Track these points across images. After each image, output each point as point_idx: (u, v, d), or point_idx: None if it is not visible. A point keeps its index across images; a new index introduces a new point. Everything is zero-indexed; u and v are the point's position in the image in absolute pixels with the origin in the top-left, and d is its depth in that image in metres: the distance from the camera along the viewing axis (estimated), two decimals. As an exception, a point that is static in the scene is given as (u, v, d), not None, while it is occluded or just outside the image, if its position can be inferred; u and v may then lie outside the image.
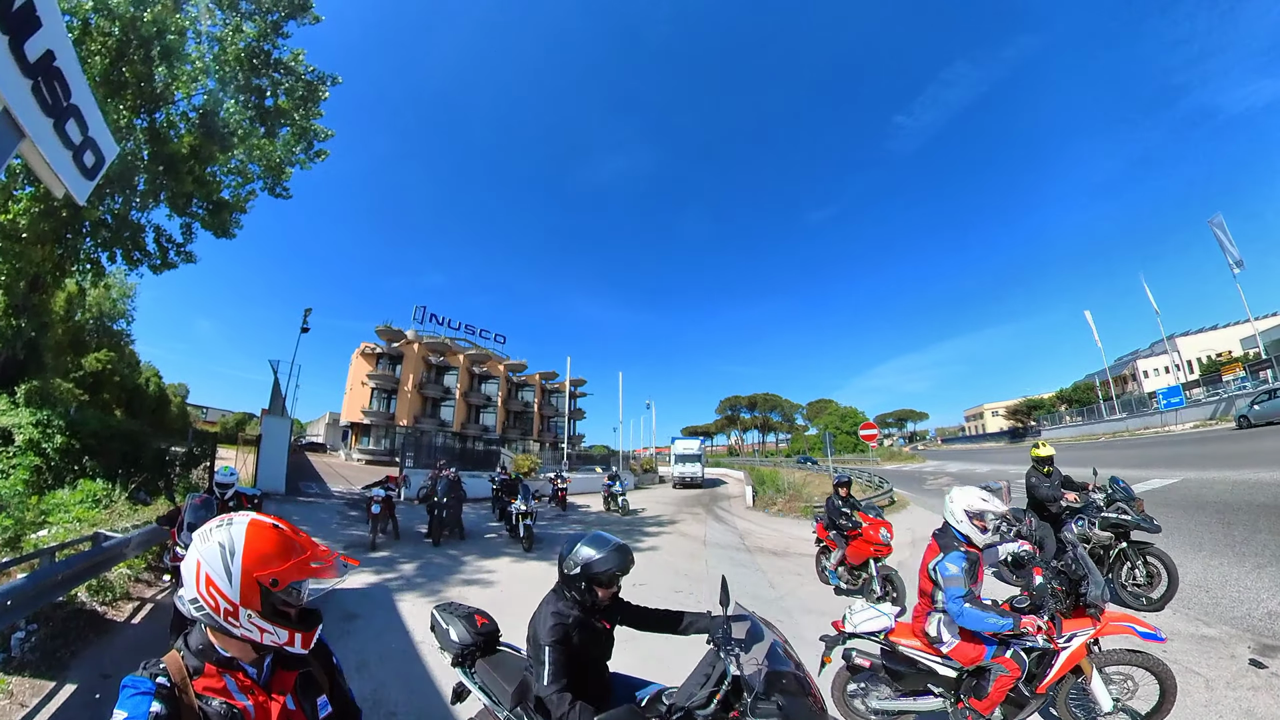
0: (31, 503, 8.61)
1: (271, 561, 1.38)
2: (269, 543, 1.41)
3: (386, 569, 9.71)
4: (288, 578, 1.38)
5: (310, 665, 1.57)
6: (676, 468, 36.52)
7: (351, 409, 55.27)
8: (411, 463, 22.45)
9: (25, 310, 12.50)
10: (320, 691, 1.56)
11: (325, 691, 1.58)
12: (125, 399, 25.81)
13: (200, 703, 1.32)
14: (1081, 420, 49.18)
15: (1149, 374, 57.37)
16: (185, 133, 13.90)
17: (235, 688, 1.38)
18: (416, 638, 6.15)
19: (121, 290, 28.89)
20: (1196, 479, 13.12)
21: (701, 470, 35.95)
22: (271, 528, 1.46)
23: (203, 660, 1.39)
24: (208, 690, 1.34)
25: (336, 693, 1.65)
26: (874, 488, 19.04)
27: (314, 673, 1.58)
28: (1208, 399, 34.14)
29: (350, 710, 1.72)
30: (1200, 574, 7.11)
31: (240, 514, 1.49)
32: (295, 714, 1.46)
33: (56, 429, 10.55)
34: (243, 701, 1.37)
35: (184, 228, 15.61)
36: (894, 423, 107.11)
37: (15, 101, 4.14)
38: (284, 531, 1.47)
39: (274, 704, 1.41)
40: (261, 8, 14.36)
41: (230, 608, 1.36)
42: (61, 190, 5.19)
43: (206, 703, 1.32)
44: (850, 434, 71.29)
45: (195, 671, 1.36)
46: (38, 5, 4.13)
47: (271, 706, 1.41)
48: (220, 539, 1.39)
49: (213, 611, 1.36)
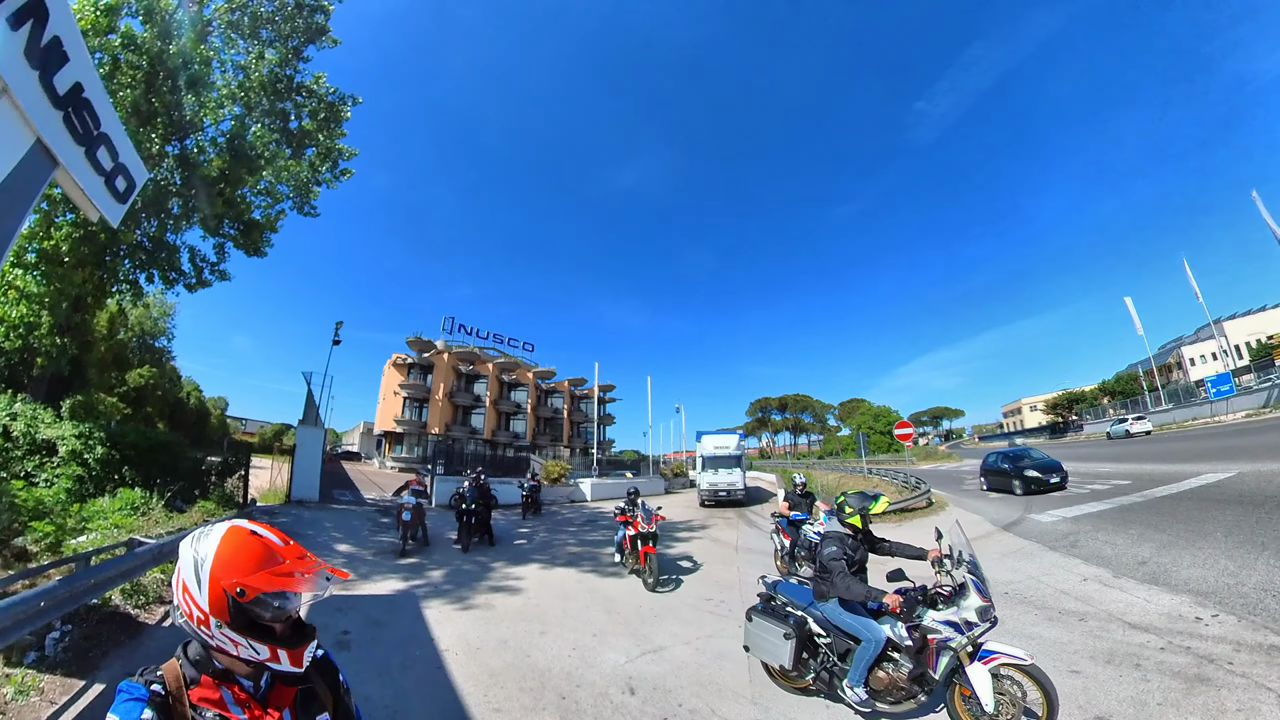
0: (73, 510, 8.94)
1: (239, 570, 1.31)
2: (240, 550, 1.34)
3: (414, 575, 9.81)
4: (256, 587, 1.30)
5: (312, 681, 1.51)
6: (705, 475, 24.32)
7: (385, 418, 56.48)
8: (443, 470, 22.75)
9: (69, 330, 13.03)
10: (322, 709, 1.50)
11: (328, 710, 1.52)
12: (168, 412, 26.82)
13: (194, 713, 1.28)
14: (1125, 413, 47.09)
15: (1195, 361, 54.53)
16: (214, 157, 14.41)
17: (231, 700, 1.34)
18: (441, 645, 6.16)
19: (162, 310, 30.08)
20: (1254, 472, 12.44)
21: (742, 478, 24.16)
22: (249, 534, 1.38)
23: (199, 671, 1.35)
24: (203, 701, 1.31)
25: (340, 712, 1.58)
26: (910, 489, 18.53)
27: (316, 689, 1.51)
28: (1260, 385, 32.38)
29: None
30: (1266, 576, 6.53)
31: (225, 521, 1.45)
32: None
33: (98, 440, 10.96)
34: (237, 715, 1.33)
35: (217, 248, 16.13)
36: (928, 421, 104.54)
37: (48, 132, 4.30)
38: (263, 539, 1.39)
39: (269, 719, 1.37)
40: (281, 34, 14.81)
41: (202, 616, 1.31)
42: (96, 214, 5.39)
43: (200, 714, 1.29)
44: (884, 434, 69.85)
45: (192, 681, 1.33)
46: (64, 41, 4.29)
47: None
48: (197, 545, 1.35)
49: (188, 619, 1.32)
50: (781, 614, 4.89)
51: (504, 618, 7.39)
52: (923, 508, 15.91)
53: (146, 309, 27.87)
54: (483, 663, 5.71)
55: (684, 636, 6.58)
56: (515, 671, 5.50)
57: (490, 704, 4.78)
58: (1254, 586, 6.27)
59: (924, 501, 16.28)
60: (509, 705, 4.76)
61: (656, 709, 4.69)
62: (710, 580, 9.60)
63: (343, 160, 17.16)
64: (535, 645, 6.29)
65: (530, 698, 4.91)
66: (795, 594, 5.05)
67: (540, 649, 6.16)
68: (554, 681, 5.26)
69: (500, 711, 4.65)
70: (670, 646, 6.24)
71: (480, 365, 59.43)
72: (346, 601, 7.82)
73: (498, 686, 5.14)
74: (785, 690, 4.98)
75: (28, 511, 8.01)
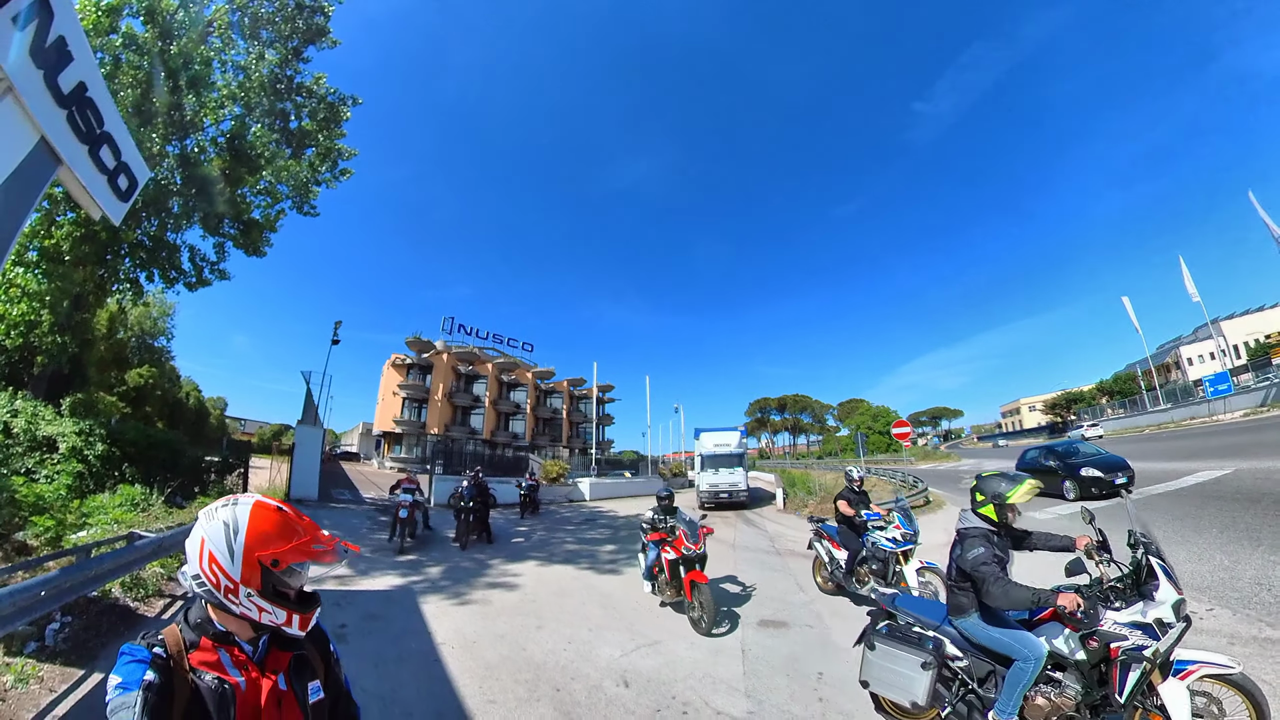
0: (73, 506, 9.02)
1: (273, 542, 1.40)
2: (272, 523, 1.43)
3: (412, 572, 9.86)
4: (289, 559, 1.41)
5: (305, 649, 1.59)
6: (705, 476, 22.64)
7: (384, 419, 56.52)
8: (441, 470, 22.78)
9: (69, 328, 13.10)
10: (314, 676, 1.57)
11: (319, 678, 1.59)
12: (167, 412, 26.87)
13: (193, 675, 1.34)
14: (1124, 413, 47.22)
15: (1193, 361, 54.83)
16: (215, 157, 14.51)
17: (229, 663, 1.41)
18: (438, 639, 6.22)
19: (161, 309, 30.13)
20: (1250, 469, 12.50)
21: (745, 478, 22.49)
22: (275, 510, 1.48)
23: (199, 634, 1.42)
24: (202, 664, 1.37)
25: (330, 680, 1.66)
26: (908, 487, 18.59)
27: (308, 656, 1.59)
28: (1258, 384, 32.54)
29: (344, 700, 1.73)
30: (1260, 570, 6.60)
31: (246, 495, 1.53)
32: (286, 695, 1.47)
33: (98, 437, 11.06)
34: (235, 677, 1.39)
35: (217, 247, 16.22)
36: (927, 421, 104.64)
37: (52, 130, 4.37)
38: (287, 514, 1.49)
39: (266, 681, 1.44)
40: (281, 35, 14.90)
41: (231, 585, 1.38)
42: (98, 212, 5.45)
43: (200, 676, 1.35)
44: (883, 434, 69.80)
45: (192, 645, 1.39)
46: (69, 40, 4.35)
47: (263, 684, 1.43)
48: (225, 518, 1.43)
49: (214, 588, 1.39)
50: (912, 637, 3.97)
51: (500, 613, 7.45)
52: (920, 505, 15.98)
53: (146, 308, 27.92)
54: (479, 656, 5.77)
55: (679, 631, 6.64)
56: (511, 664, 5.56)
57: (485, 695, 4.83)
58: (1249, 581, 6.33)
59: (921, 500, 16.34)
60: (504, 697, 4.82)
61: (650, 700, 4.75)
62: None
63: (342, 160, 17.27)
64: (531, 639, 6.35)
65: (525, 689, 4.96)
66: (922, 609, 4.19)
67: (536, 643, 6.22)
68: (549, 674, 5.32)
69: (495, 703, 4.70)
70: (665, 641, 6.29)
71: (479, 365, 59.47)
72: (344, 596, 7.88)
73: (493, 679, 5.19)
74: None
75: (28, 507, 8.09)
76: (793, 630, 6.57)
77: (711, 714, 4.51)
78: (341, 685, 1.72)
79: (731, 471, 22.27)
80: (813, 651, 5.82)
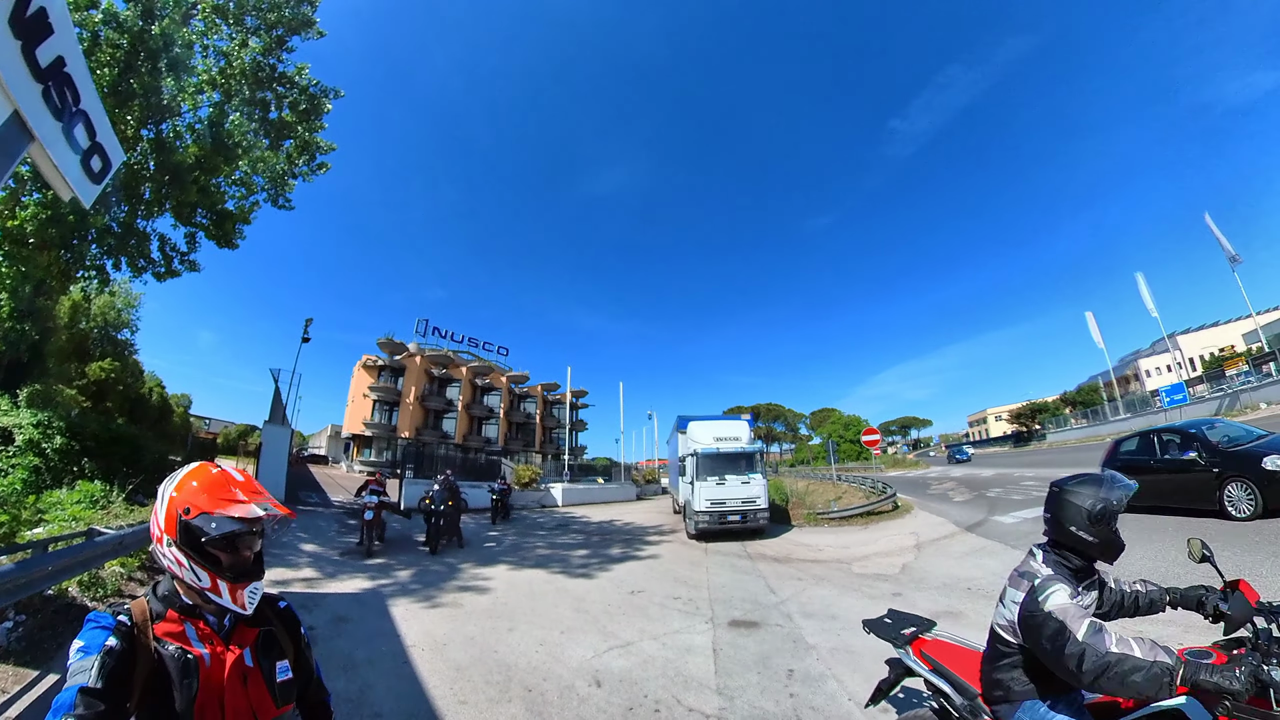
0: (29, 501, 8.66)
1: (192, 491, 1.42)
2: (197, 476, 1.46)
3: (381, 575, 9.69)
4: (198, 506, 1.39)
5: (274, 626, 1.58)
6: (704, 487, 14.42)
7: (353, 421, 55.30)
8: (412, 474, 22.40)
9: (30, 314, 12.63)
10: (283, 656, 1.56)
11: (289, 658, 1.58)
12: (128, 408, 25.86)
13: (157, 645, 1.34)
14: (1086, 422, 48.83)
15: (1152, 373, 57.53)
16: (191, 143, 14.13)
17: (194, 636, 1.41)
18: (408, 642, 6.14)
19: (126, 300, 29.08)
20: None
21: (764, 490, 14.66)
22: (210, 467, 1.51)
23: (166, 606, 1.42)
24: (167, 635, 1.37)
25: (301, 663, 1.64)
26: (876, 493, 18.89)
27: (276, 634, 1.58)
28: (1212, 394, 34.29)
29: (314, 684, 1.72)
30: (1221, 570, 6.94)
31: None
32: (252, 671, 1.46)
33: (57, 430, 10.65)
34: (199, 649, 1.39)
35: (188, 237, 15.79)
36: (897, 430, 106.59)
37: (26, 105, 4.22)
38: (224, 472, 1.51)
39: (230, 655, 1.43)
40: (267, 23, 14.65)
41: (158, 534, 1.42)
42: (69, 193, 5.28)
43: (163, 646, 1.35)
44: (854, 442, 70.89)
45: (158, 616, 1.40)
46: (50, 12, 4.24)
47: (227, 657, 1.42)
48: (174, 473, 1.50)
49: (156, 544, 1.44)
50: None
51: (472, 615, 7.37)
52: (888, 510, 16.29)
53: (111, 298, 26.96)
54: (449, 658, 5.71)
55: (651, 632, 6.65)
56: (482, 665, 5.51)
57: (457, 696, 4.79)
58: (1201, 574, 6.59)
59: (890, 505, 16.63)
60: (475, 697, 4.78)
61: (622, 699, 4.75)
62: (679, 580, 9.70)
63: (320, 154, 16.99)
64: (503, 641, 6.30)
65: (496, 690, 4.93)
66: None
67: (508, 645, 6.17)
68: (520, 675, 5.29)
69: (466, 704, 4.66)
70: (638, 642, 6.30)
71: (454, 369, 58.78)
72: (312, 600, 7.72)
73: (464, 679, 5.14)
74: None
75: (-21, 500, 7.74)
76: (764, 630, 6.63)
77: (684, 711, 4.53)
78: (312, 669, 1.72)
79: (745, 480, 14.60)
80: (784, 650, 5.88)
